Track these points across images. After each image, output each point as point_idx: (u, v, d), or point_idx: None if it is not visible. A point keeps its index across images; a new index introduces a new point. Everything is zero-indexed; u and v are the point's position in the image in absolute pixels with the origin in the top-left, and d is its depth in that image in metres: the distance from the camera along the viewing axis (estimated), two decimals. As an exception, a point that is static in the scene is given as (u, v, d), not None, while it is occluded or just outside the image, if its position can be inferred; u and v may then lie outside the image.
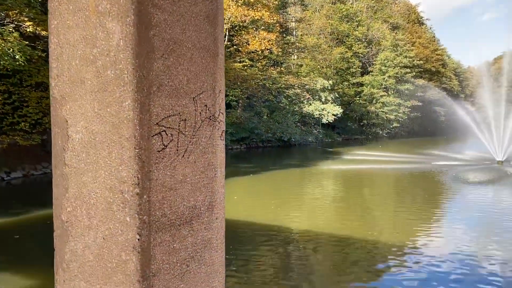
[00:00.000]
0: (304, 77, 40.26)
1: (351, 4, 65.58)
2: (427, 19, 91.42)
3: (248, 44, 31.37)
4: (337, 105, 45.81)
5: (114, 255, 1.47)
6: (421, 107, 60.61)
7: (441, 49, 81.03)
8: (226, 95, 33.95)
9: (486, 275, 7.27)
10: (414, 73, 59.79)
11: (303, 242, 9.73)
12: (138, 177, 1.38)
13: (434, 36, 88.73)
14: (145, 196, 1.40)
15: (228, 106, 36.91)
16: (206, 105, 1.59)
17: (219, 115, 1.66)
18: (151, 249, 1.44)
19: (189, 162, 1.52)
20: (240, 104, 36.56)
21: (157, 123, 1.41)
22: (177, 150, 1.47)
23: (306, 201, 14.82)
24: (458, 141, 46.88)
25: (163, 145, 1.43)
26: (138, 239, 1.42)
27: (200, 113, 1.55)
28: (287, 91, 38.57)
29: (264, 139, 38.29)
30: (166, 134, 1.43)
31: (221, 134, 1.65)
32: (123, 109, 1.39)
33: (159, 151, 1.42)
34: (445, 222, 11.70)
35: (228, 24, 30.82)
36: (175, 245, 1.52)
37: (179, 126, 1.47)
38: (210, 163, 1.63)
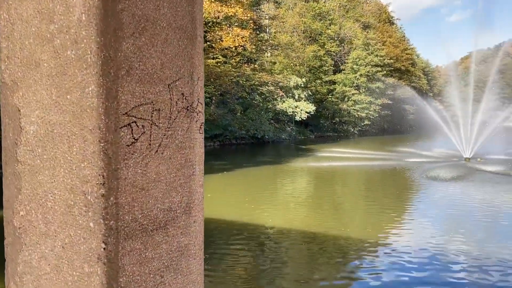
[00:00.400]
0: (277, 74, 40.23)
1: (324, 2, 66.05)
2: (397, 18, 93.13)
3: (222, 41, 31.05)
4: (310, 102, 46.05)
5: (75, 266, 1.25)
6: (391, 105, 61.72)
7: (410, 49, 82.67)
8: (199, 92, 33.50)
9: (453, 268, 7.51)
10: (384, 72, 60.79)
11: (277, 239, 9.69)
12: (103, 176, 1.17)
13: (404, 36, 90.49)
14: (111, 198, 1.19)
15: (201, 102, 36.42)
16: (183, 94, 1.38)
17: (197, 105, 1.45)
18: (119, 259, 1.23)
19: (164, 158, 1.31)
20: (213, 101, 36.19)
21: (126, 113, 1.20)
22: (150, 144, 1.26)
23: (279, 198, 14.76)
24: (427, 138, 47.97)
25: (133, 138, 1.22)
26: (104, 248, 1.20)
27: (176, 103, 1.34)
28: (260, 88, 38.46)
29: (238, 136, 38.08)
30: (137, 126, 1.21)
31: (200, 127, 1.45)
32: (86, 96, 1.17)
33: (128, 146, 1.21)
34: (414, 217, 11.93)
35: (201, 20, 30.37)
36: (147, 254, 1.31)
37: (152, 116, 1.26)
38: (188, 160, 1.42)
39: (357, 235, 9.65)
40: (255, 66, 37.65)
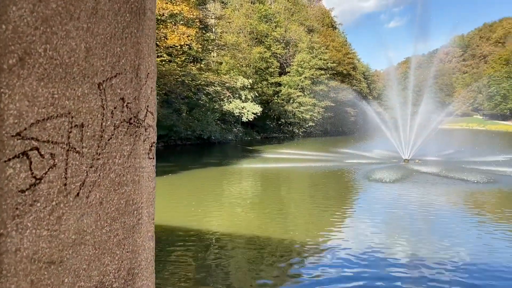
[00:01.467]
0: (224, 75, 39.72)
1: (270, 5, 66.44)
2: (339, 23, 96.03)
3: (167, 39, 30.01)
4: (256, 104, 45.98)
5: None
6: (334, 107, 63.28)
7: (352, 53, 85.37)
8: (142, 91, 32.21)
9: (394, 266, 7.90)
10: (328, 75, 62.19)
11: (222, 243, 9.47)
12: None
13: (346, 40, 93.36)
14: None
15: (144, 102, 35.10)
16: (122, 99, 0.85)
17: (146, 116, 0.93)
18: None
19: (90, 205, 0.73)
20: (157, 100, 35.01)
21: (18, 134, 0.63)
22: (65, 185, 0.69)
23: (226, 201, 14.37)
24: (368, 140, 49.65)
25: (33, 177, 0.64)
26: None
27: (111, 113, 0.79)
28: (207, 88, 37.73)
29: (183, 137, 37.14)
30: (40, 156, 0.63)
31: (150, 149, 0.93)
32: None
33: (23, 192, 0.64)
34: (356, 219, 12.13)
35: (144, 16, 29.17)
36: None
37: (68, 138, 0.70)
38: (130, 202, 0.87)
39: (301, 237, 9.77)
40: (201, 65, 36.87)
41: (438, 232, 10.60)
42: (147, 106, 0.96)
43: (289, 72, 60.19)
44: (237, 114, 44.43)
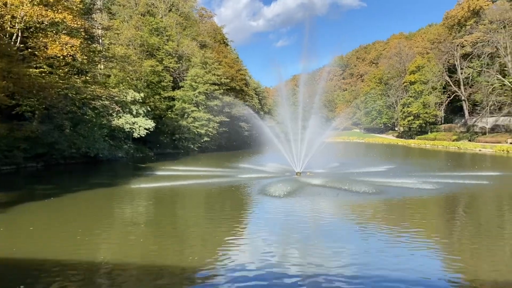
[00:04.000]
0: (112, 88, 37.60)
1: (161, 18, 65.31)
2: (231, 40, 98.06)
3: (47, 49, 27.45)
4: (149, 118, 44.39)
5: None
6: (228, 122, 63.97)
7: (243, 70, 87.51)
8: (18, 105, 28.97)
9: (288, 277, 8.25)
10: (222, 91, 62.77)
11: (113, 276, 8.71)
12: None
13: (237, 57, 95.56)
14: None
15: (21, 117, 31.62)
16: None
17: None
18: None
19: None
20: (36, 115, 31.78)
21: None
22: None
23: (117, 226, 13.35)
24: (262, 154, 51.01)
25: None
26: None
27: None
28: (93, 102, 35.32)
29: (67, 155, 34.13)
30: None
31: None
32: None
33: None
34: (252, 234, 12.27)
35: (21, 24, 26.40)
36: None
37: None
38: None
39: (198, 260, 9.55)
40: (87, 78, 34.39)
41: (328, 241, 11.17)
42: None
43: (182, 87, 59.43)
44: (128, 129, 42.39)
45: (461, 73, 74.47)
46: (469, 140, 66.92)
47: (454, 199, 17.92)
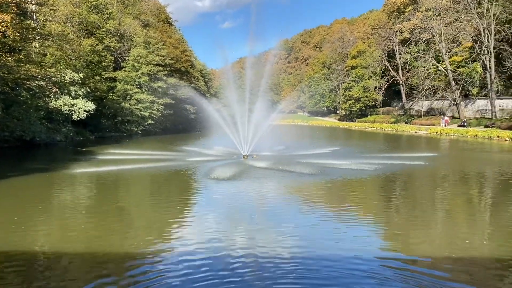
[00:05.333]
0: (49, 68, 35.41)
1: (101, -6, 62.20)
2: (175, 20, 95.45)
3: (-27, 24, 25.28)
4: (89, 100, 42.49)
5: None
6: (174, 105, 62.80)
7: (189, 51, 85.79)
8: None
9: (234, 262, 8.25)
10: (166, 72, 61.31)
11: (52, 263, 8.46)
12: None
13: (182, 38, 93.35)
14: None
15: None
16: None
17: None
18: None
19: None
20: (-38, 96, 29.38)
21: None
22: None
23: (56, 213, 12.80)
24: (208, 137, 50.76)
25: None
26: None
27: None
28: (28, 82, 33.13)
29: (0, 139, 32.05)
30: None
31: None
32: None
33: None
34: (198, 218, 12.26)
35: None
36: None
37: None
38: None
39: (143, 245, 9.42)
40: (20, 56, 32.16)
41: (273, 222, 11.46)
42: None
43: (124, 67, 57.35)
44: (67, 112, 40.38)
45: (400, 58, 77.75)
46: (406, 123, 70.44)
47: (392, 179, 18.90)
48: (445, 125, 58.46)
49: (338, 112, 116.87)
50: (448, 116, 62.32)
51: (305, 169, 20.17)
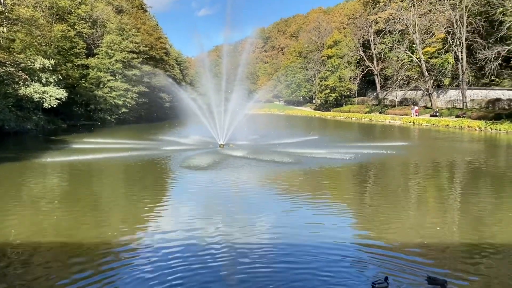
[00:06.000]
0: (18, 54, 34.22)
1: (72, -22, 60.22)
2: (150, 6, 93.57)
3: None
4: (60, 88, 41.31)
5: None
6: (148, 93, 61.80)
7: (164, 38, 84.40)
8: None
9: (212, 248, 8.30)
10: (140, 59, 60.17)
11: (24, 255, 8.27)
12: None
13: (157, 24, 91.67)
14: None
15: None
16: None
17: None
18: None
19: None
20: None
21: None
22: None
23: (27, 203, 12.51)
24: (184, 126, 50.30)
25: None
26: None
27: None
28: (-5, 69, 31.99)
29: (-35, 128, 30.91)
30: None
31: None
32: None
33: None
34: (174, 207, 12.22)
35: None
36: None
37: None
38: None
39: (117, 236, 9.31)
40: (-13, 42, 31.01)
41: (249, 210, 11.52)
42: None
43: (97, 54, 55.96)
44: (37, 99, 39.15)
45: (374, 49, 78.54)
46: (380, 113, 71.54)
47: (366, 168, 19.22)
48: (416, 115, 59.63)
49: (314, 101, 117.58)
50: (418, 107, 63.58)
51: (281, 158, 20.28)
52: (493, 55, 43.48)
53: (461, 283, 6.80)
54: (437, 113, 56.08)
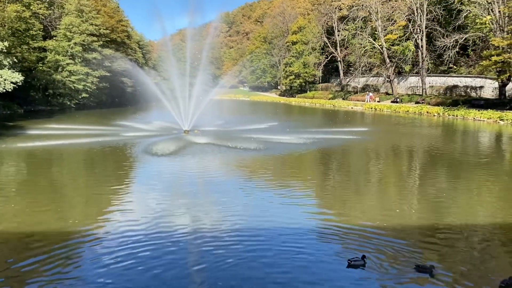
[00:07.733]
0: (-32, 35, 32.39)
1: (26, -45, 57.11)
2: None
3: None
4: (16, 71, 39.43)
5: None
6: (109, 77, 60.02)
7: (125, 20, 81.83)
8: None
9: (176, 235, 8.30)
10: (101, 42, 58.19)
11: None
12: None
13: (118, 7, 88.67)
14: None
15: None
16: None
17: None
18: None
19: None
20: None
21: None
22: None
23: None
24: (147, 111, 49.39)
25: None
26: None
27: None
28: None
29: None
30: None
31: None
32: None
33: None
34: (138, 194, 12.09)
35: None
36: None
37: None
38: None
39: (79, 224, 9.08)
40: None
41: (214, 197, 11.52)
42: None
43: (55, 37, 53.67)
44: (-10, 83, 37.25)
45: (338, 35, 79.45)
46: (343, 99, 72.73)
47: (329, 153, 19.60)
48: (369, 101, 61.07)
49: (279, 87, 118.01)
50: (372, 93, 65.18)
51: (246, 144, 20.29)
52: (451, 43, 45.03)
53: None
54: (398, 99, 57.62)
